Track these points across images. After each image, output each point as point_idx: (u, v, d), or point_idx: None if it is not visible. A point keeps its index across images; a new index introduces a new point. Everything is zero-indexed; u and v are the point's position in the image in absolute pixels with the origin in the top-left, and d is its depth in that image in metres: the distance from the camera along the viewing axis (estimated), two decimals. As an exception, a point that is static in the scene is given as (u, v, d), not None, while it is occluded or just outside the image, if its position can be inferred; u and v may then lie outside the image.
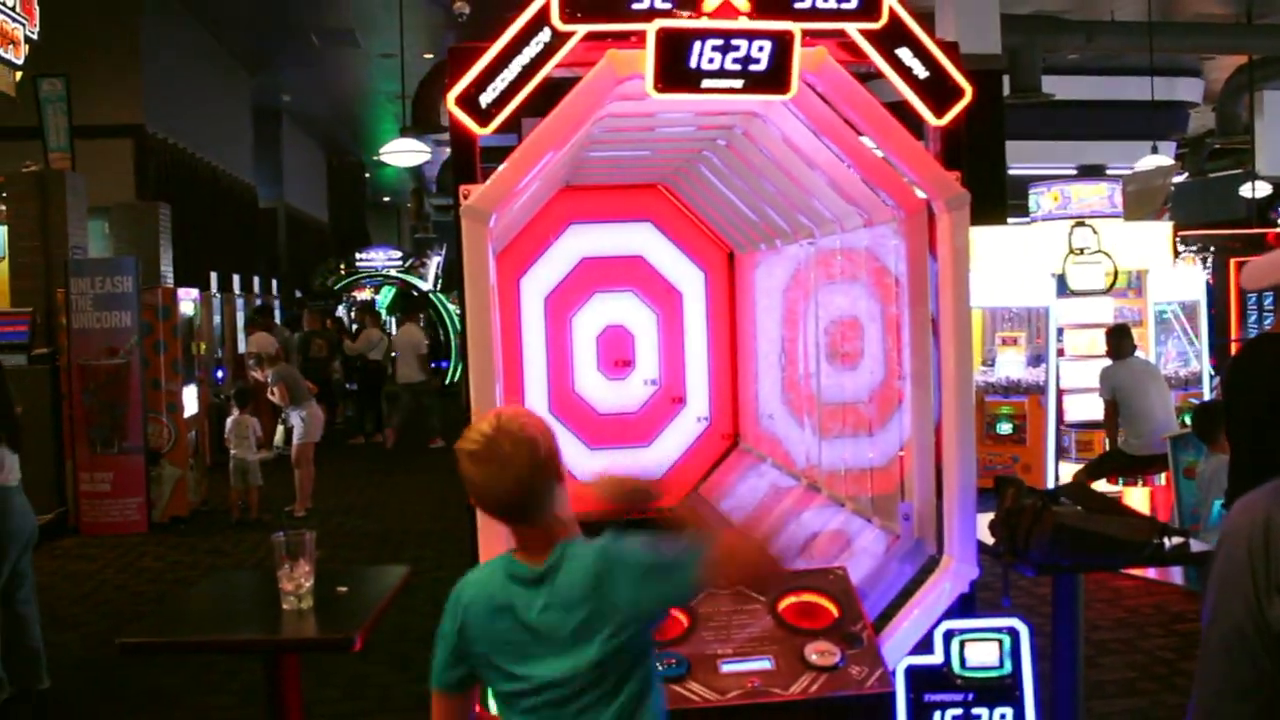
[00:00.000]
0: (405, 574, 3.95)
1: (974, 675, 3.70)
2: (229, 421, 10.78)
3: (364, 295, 24.69)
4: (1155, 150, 17.08)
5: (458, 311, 23.73)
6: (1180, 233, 13.52)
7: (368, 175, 31.38)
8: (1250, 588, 1.48)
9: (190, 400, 11.68)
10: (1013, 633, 3.74)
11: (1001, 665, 3.71)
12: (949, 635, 3.75)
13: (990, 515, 4.21)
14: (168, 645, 3.61)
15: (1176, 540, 4.16)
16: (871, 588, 4.04)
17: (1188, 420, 8.50)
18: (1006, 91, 14.48)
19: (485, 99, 3.59)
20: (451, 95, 3.59)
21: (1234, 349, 14.41)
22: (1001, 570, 4.11)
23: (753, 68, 3.64)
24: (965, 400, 4.01)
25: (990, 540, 4.12)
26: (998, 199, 12.50)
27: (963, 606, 3.92)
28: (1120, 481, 9.16)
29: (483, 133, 3.61)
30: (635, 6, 3.57)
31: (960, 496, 3.93)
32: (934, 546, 4.08)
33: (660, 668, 3.50)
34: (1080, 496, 4.34)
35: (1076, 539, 3.90)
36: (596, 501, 2.62)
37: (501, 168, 3.61)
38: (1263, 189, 20.10)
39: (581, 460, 6.17)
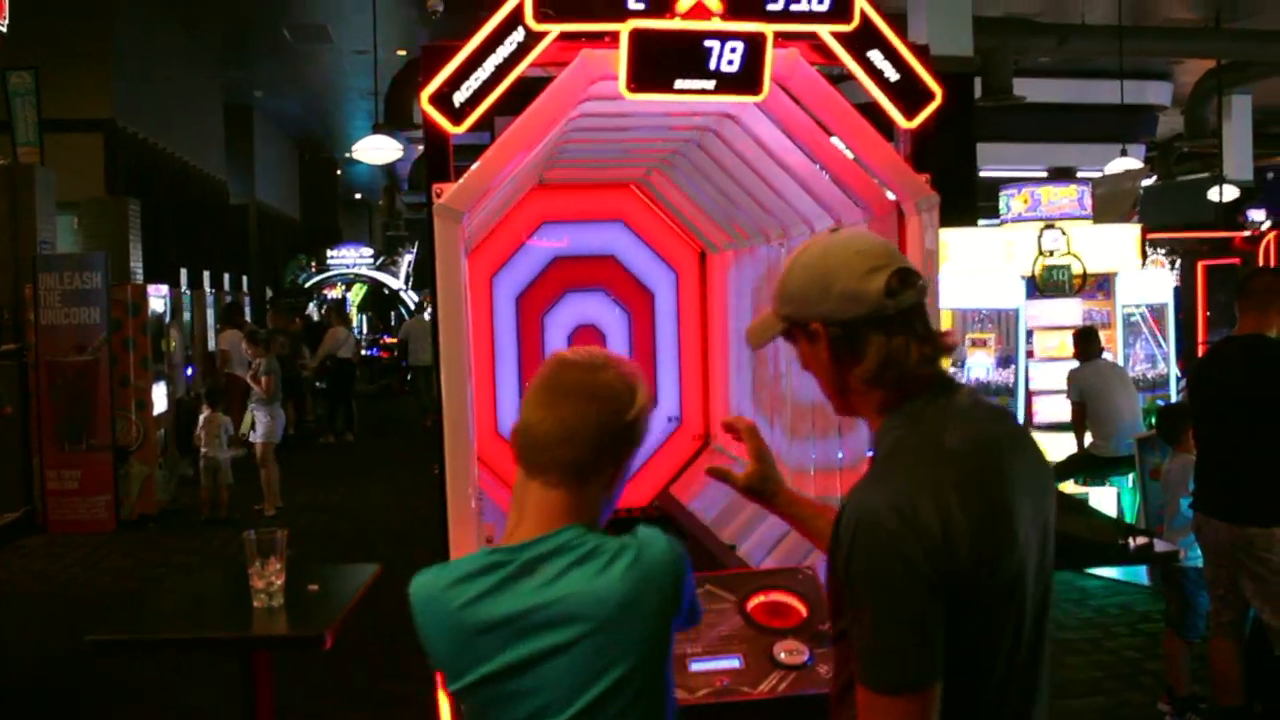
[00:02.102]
0: (376, 572, 3.96)
1: (941, 674, 3.72)
2: (200, 419, 10.73)
3: (334, 293, 24.57)
4: (1125, 153, 17.20)
5: (428, 310, 23.67)
6: (1149, 235, 13.62)
7: (339, 172, 31.25)
8: (903, 559, 1.75)
9: (160, 398, 11.63)
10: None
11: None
12: (917, 634, 3.77)
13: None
14: (138, 642, 3.61)
15: (1141, 541, 4.21)
16: (840, 587, 4.06)
17: (1154, 422, 8.58)
18: (978, 93, 14.56)
19: (459, 98, 3.60)
20: (425, 94, 3.60)
21: (1201, 351, 14.54)
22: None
23: (725, 69, 3.66)
24: (934, 401, 4.03)
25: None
26: (968, 201, 12.57)
27: (930, 606, 3.94)
28: (1087, 482, 9.22)
29: (456, 131, 3.62)
30: (608, 7, 3.59)
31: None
32: (903, 546, 4.10)
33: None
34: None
35: (1043, 539, 3.93)
36: None
37: (475, 166, 3.62)
38: (1230, 192, 20.27)
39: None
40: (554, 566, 1.93)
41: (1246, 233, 18.06)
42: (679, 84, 3.66)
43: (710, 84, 3.67)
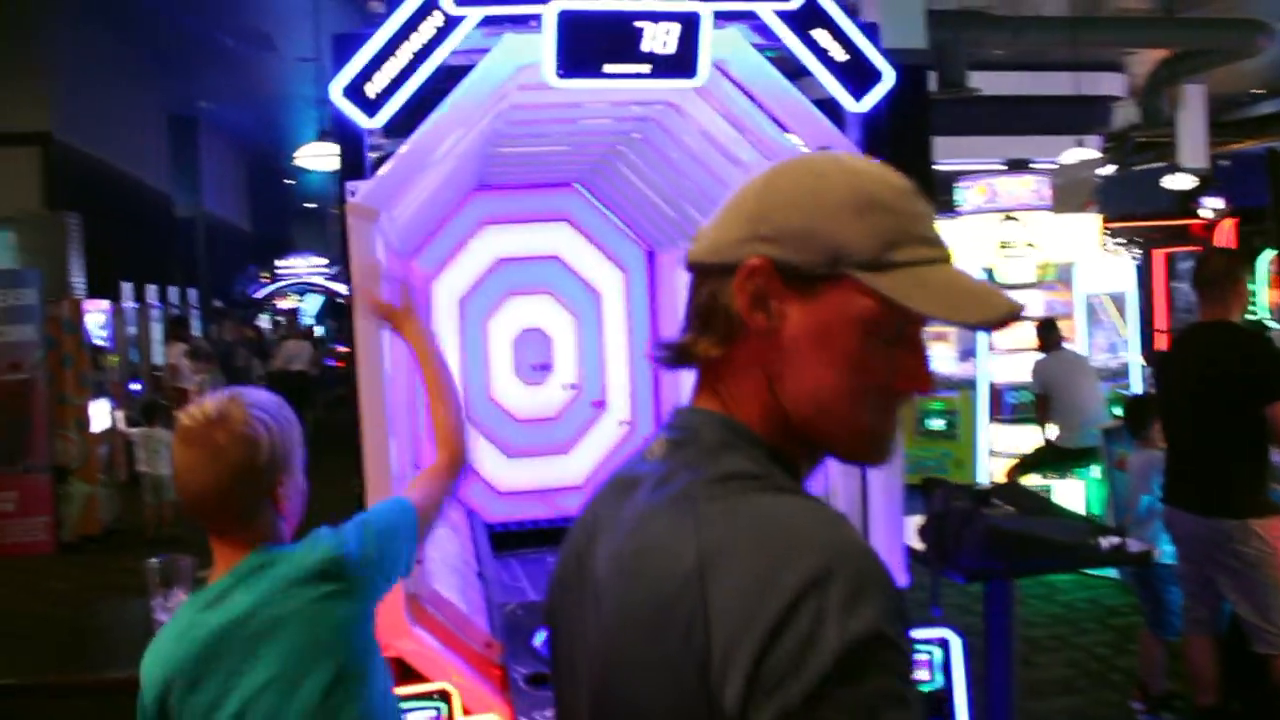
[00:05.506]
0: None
1: (905, 691, 3.51)
2: (136, 435, 10.39)
3: (286, 304, 24.15)
4: (1080, 144, 17.12)
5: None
6: (1107, 225, 13.53)
7: (290, 181, 30.84)
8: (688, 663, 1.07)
9: (101, 415, 11.29)
10: (944, 644, 3.55)
11: (932, 679, 3.52)
12: (878, 648, 3.56)
13: (918, 518, 4.02)
14: (17, 689, 3.30)
15: (1114, 540, 4.00)
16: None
17: (1117, 411, 8.42)
18: (933, 86, 14.42)
19: (372, 89, 3.36)
20: (335, 85, 3.36)
21: (1158, 339, 14.45)
22: (931, 577, 3.93)
23: (660, 52, 3.43)
24: (891, 399, 3.82)
25: (919, 546, 3.94)
26: (926, 194, 12.40)
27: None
28: (1051, 475, 9.06)
29: (370, 125, 3.38)
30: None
31: (886, 500, 3.75)
32: (862, 553, 3.89)
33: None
34: (1013, 496, 4.17)
35: (1010, 543, 3.72)
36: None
37: (391, 162, 3.38)
38: (1186, 181, 20.23)
39: (499, 469, 5.96)
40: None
41: (1203, 219, 18.05)
42: (609, 69, 3.43)
43: (645, 68, 3.45)
